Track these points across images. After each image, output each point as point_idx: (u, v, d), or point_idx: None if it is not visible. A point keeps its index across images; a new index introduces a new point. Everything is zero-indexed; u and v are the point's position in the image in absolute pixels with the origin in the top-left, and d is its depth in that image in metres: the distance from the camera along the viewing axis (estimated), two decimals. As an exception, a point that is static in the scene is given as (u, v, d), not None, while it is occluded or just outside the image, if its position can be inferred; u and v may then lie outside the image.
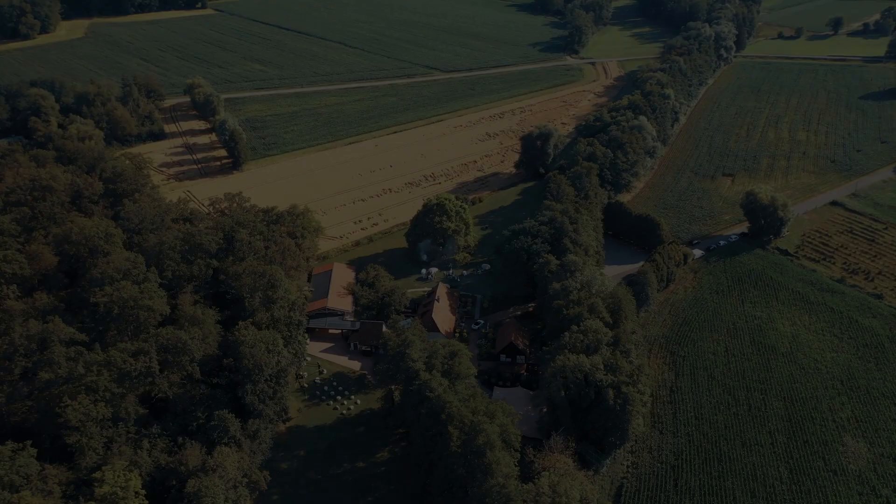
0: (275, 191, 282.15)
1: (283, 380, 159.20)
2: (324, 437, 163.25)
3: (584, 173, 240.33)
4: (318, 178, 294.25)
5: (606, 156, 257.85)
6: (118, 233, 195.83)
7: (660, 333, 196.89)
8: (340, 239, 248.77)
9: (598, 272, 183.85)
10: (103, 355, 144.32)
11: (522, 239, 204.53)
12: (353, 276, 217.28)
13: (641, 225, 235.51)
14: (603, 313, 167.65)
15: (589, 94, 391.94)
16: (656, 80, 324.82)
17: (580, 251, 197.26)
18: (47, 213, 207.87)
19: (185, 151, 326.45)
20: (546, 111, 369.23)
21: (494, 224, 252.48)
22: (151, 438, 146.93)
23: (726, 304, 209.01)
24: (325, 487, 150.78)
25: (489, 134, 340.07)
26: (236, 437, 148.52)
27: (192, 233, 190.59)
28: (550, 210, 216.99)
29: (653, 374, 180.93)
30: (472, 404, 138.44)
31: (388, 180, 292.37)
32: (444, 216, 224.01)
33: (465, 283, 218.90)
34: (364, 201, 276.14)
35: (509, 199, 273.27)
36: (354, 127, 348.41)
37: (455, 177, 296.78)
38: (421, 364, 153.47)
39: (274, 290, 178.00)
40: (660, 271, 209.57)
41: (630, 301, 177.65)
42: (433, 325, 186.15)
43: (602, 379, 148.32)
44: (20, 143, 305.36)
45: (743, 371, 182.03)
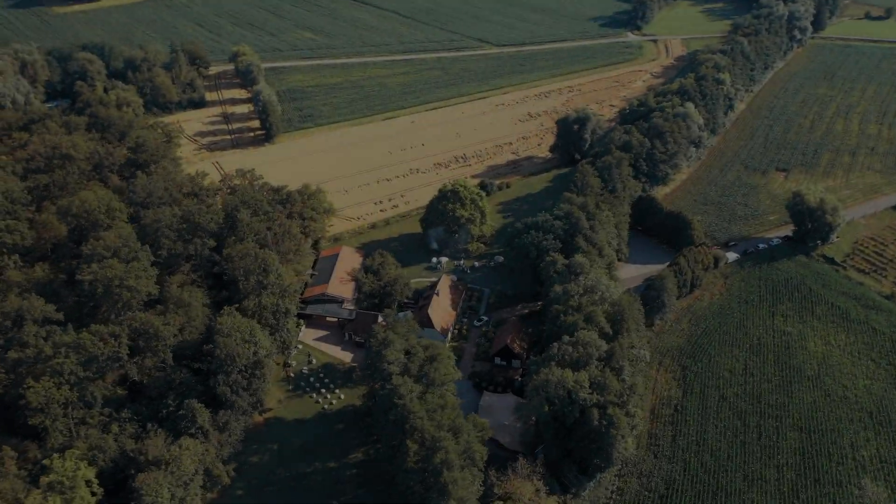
0: (301, 165, 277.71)
1: (259, 371, 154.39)
2: (300, 433, 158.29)
3: (614, 164, 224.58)
4: (347, 154, 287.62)
5: (643, 145, 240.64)
6: (121, 206, 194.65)
7: (674, 344, 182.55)
8: (357, 220, 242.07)
9: (604, 276, 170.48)
10: (73, 337, 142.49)
11: (533, 234, 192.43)
12: (361, 261, 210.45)
13: (671, 223, 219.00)
14: (602, 323, 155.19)
15: (645, 74, 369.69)
16: (713, 64, 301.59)
17: (593, 251, 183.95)
18: (60, 182, 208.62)
19: (222, 121, 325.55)
20: (595, 91, 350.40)
21: (518, 213, 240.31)
22: (121, 423, 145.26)
23: (754, 315, 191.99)
24: (292, 486, 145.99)
25: (531, 114, 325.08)
26: (204, 428, 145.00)
27: (191, 211, 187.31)
28: (570, 203, 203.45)
29: (658, 389, 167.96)
30: (438, 417, 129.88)
31: (416, 160, 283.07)
32: (458, 203, 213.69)
33: (474, 276, 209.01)
34: (389, 181, 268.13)
35: (538, 187, 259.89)
36: (394, 101, 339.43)
37: (487, 159, 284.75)
38: (396, 367, 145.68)
39: (266, 276, 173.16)
40: (683, 276, 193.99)
41: (636, 311, 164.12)
42: (428, 320, 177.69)
43: (586, 398, 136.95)
44: (63, 106, 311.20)
45: (759, 393, 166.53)
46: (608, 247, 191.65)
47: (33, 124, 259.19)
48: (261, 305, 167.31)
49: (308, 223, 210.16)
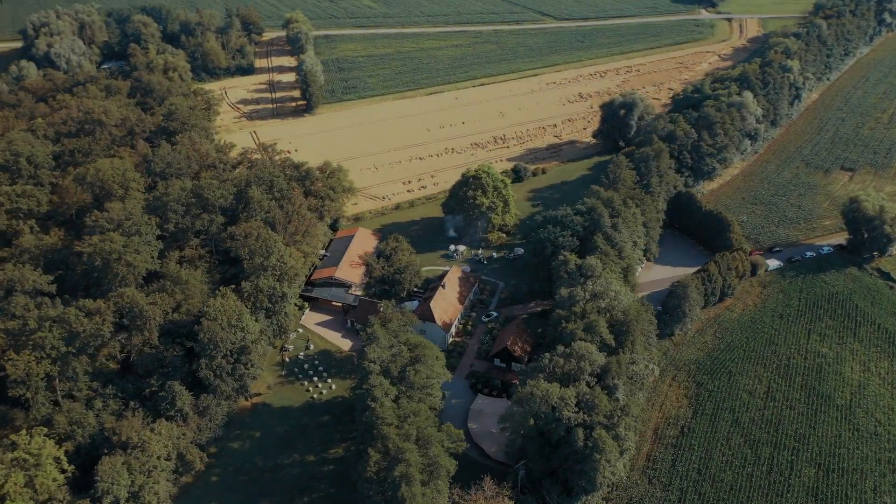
0: (335, 139, 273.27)
1: (245, 357, 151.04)
2: (285, 421, 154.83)
3: (652, 156, 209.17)
4: (384, 130, 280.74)
5: (689, 136, 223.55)
6: (136, 177, 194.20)
7: (692, 357, 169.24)
8: (382, 200, 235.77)
9: (617, 281, 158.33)
10: (59, 311, 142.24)
11: (550, 229, 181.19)
12: (375, 244, 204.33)
13: (709, 223, 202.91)
14: (603, 334, 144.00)
15: (712, 56, 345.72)
16: (782, 48, 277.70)
17: (611, 252, 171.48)
18: (84, 148, 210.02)
19: (268, 89, 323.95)
20: (655, 73, 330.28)
21: (549, 202, 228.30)
22: (105, 399, 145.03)
23: (788, 331, 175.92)
24: (266, 478, 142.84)
25: (581, 95, 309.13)
26: (183, 411, 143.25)
27: (201, 185, 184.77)
28: (596, 197, 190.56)
29: (666, 406, 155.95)
30: (406, 425, 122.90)
31: (454, 139, 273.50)
32: (480, 190, 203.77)
33: (491, 267, 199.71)
34: (422, 160, 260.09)
35: (576, 174, 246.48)
36: (441, 75, 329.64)
37: (527, 141, 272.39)
38: (377, 366, 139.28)
39: (267, 257, 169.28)
40: (712, 283, 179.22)
41: (645, 322, 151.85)
42: (430, 314, 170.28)
43: (571, 417, 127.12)
44: (115, 68, 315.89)
45: (778, 421, 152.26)
46: (630, 247, 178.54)
47: (76, 87, 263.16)
48: (257, 288, 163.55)
49: (325, 202, 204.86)
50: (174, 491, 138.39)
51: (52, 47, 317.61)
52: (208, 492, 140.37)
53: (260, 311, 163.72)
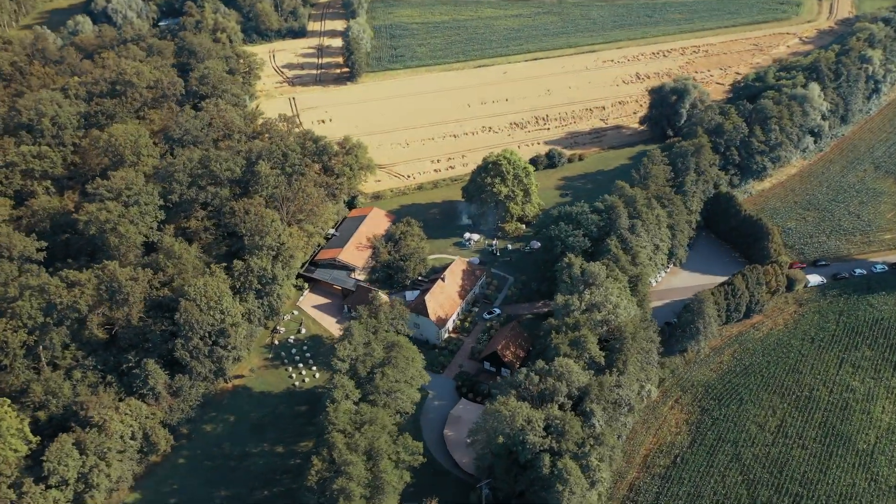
0: (372, 110, 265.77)
1: (223, 340, 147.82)
2: (261, 407, 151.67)
3: (690, 151, 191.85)
4: (424, 103, 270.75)
5: (738, 130, 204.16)
6: (149, 143, 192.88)
7: (702, 379, 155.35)
8: (406, 178, 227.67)
9: (618, 290, 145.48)
10: (40, 281, 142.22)
11: (563, 226, 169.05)
12: (388, 226, 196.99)
13: (747, 229, 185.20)
14: (592, 351, 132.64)
15: (792, 38, 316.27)
16: (866, 35, 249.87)
17: (624, 257, 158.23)
18: (109, 110, 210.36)
19: (315, 54, 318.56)
20: (725, 55, 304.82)
21: (580, 192, 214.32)
22: (84, 370, 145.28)
23: (817, 358, 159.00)
24: (231, 465, 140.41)
25: (639, 75, 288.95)
26: (156, 390, 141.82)
27: (209, 157, 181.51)
28: (620, 193, 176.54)
29: (662, 431, 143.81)
30: (357, 435, 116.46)
31: (494, 116, 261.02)
32: (499, 178, 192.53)
33: (503, 260, 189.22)
34: (456, 138, 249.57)
35: (615, 163, 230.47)
36: (493, 47, 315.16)
37: (569, 123, 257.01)
38: (346, 364, 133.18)
39: (262, 237, 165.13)
40: (736, 297, 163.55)
41: (643, 340, 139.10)
42: (424, 308, 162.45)
43: (536, 442, 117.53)
44: (171, 26, 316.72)
45: (786, 460, 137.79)
46: (646, 252, 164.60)
47: (121, 45, 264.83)
48: (248, 268, 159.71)
49: (340, 180, 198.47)
50: (140, 470, 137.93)
51: (109, 2, 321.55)
52: (173, 474, 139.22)
53: (250, 292, 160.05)
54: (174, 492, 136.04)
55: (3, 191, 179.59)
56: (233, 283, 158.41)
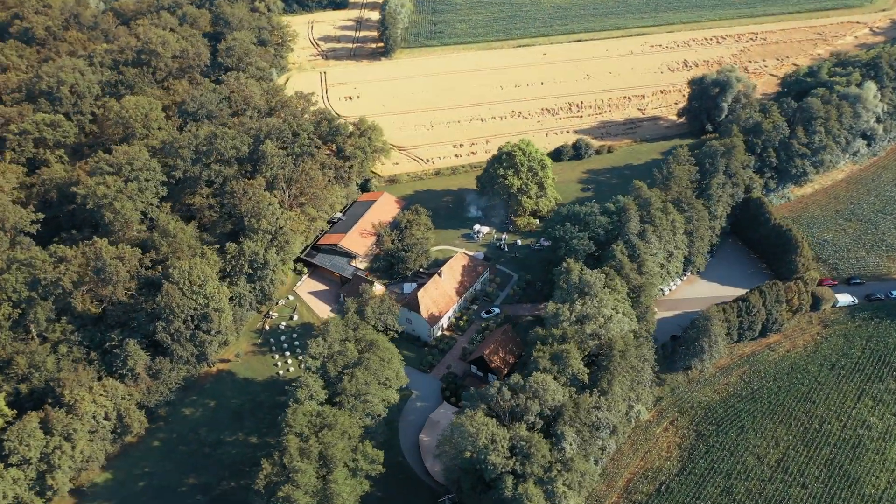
0: (401, 88, 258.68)
1: (206, 325, 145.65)
2: (243, 394, 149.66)
3: (720, 152, 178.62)
4: (456, 83, 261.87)
5: (778, 130, 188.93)
6: (160, 116, 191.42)
7: (703, 400, 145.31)
8: (425, 163, 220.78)
9: (613, 302, 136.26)
10: (28, 255, 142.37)
11: (569, 227, 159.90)
12: (397, 213, 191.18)
13: (775, 239, 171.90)
14: (574, 367, 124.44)
15: (862, 28, 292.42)
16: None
17: (629, 266, 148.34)
18: (129, 80, 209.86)
19: (354, 27, 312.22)
20: (785, 44, 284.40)
21: (604, 187, 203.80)
22: (71, 345, 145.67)
23: (834, 387, 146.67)
24: (204, 452, 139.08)
25: (687, 63, 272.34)
26: (135, 371, 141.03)
27: (214, 134, 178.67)
28: (636, 194, 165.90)
29: (650, 455, 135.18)
30: (313, 442, 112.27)
31: (525, 100, 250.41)
32: (512, 170, 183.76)
33: (510, 255, 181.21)
34: (483, 122, 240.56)
35: (646, 157, 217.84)
36: (536, 26, 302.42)
37: (604, 112, 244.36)
38: (317, 363, 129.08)
39: (257, 220, 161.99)
40: (751, 315, 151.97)
41: (634, 358, 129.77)
42: (416, 304, 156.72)
43: (498, 463, 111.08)
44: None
45: (782, 499, 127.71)
46: (654, 260, 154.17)
47: (155, 13, 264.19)
48: (240, 252, 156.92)
49: (351, 163, 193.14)
50: (114, 450, 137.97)
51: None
52: (146, 456, 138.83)
53: (241, 276, 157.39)
54: (145, 475, 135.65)
55: (15, 158, 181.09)
56: (224, 266, 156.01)
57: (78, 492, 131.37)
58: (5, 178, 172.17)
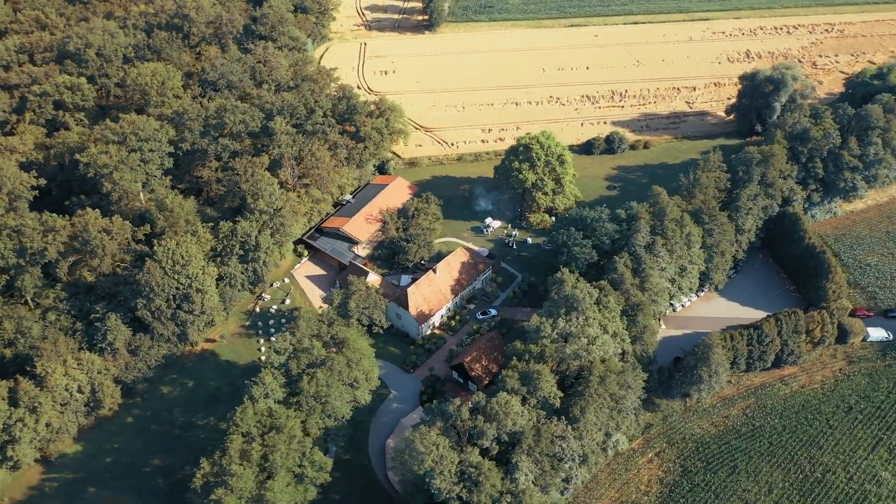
0: (439, 65, 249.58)
1: (187, 305, 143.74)
2: (221, 377, 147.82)
3: (756, 160, 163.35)
4: (497, 62, 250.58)
5: (828, 139, 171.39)
6: (177, 86, 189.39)
7: (697, 432, 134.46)
8: (449, 147, 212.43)
9: (600, 322, 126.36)
10: (19, 221, 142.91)
11: (573, 233, 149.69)
12: (408, 199, 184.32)
13: (807, 260, 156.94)
14: (545, 390, 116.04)
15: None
16: None
17: (630, 281, 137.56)
18: (155, 45, 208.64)
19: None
20: (863, 38, 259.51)
21: (632, 186, 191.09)
22: (59, 314, 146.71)
23: (846, 433, 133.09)
24: (174, 434, 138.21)
25: (750, 54, 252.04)
26: (114, 346, 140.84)
27: (225, 107, 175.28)
28: (654, 201, 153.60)
29: (628, 487, 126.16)
30: (256, 444, 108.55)
31: (566, 85, 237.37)
32: (527, 164, 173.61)
33: (518, 254, 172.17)
34: (517, 106, 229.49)
35: (684, 156, 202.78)
36: (591, 5, 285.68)
37: (648, 103, 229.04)
38: (282, 358, 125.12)
39: (255, 201, 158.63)
40: (762, 344, 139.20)
41: (614, 384, 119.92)
42: (405, 301, 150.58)
43: (443, 489, 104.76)
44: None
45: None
46: (662, 276, 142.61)
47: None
48: (233, 232, 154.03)
49: (367, 144, 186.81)
50: (88, 422, 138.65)
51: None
52: (119, 432, 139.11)
53: (232, 256, 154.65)
54: (113, 451, 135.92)
55: (35, 119, 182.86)
56: (215, 246, 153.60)
57: (46, 462, 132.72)
58: (22, 139, 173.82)
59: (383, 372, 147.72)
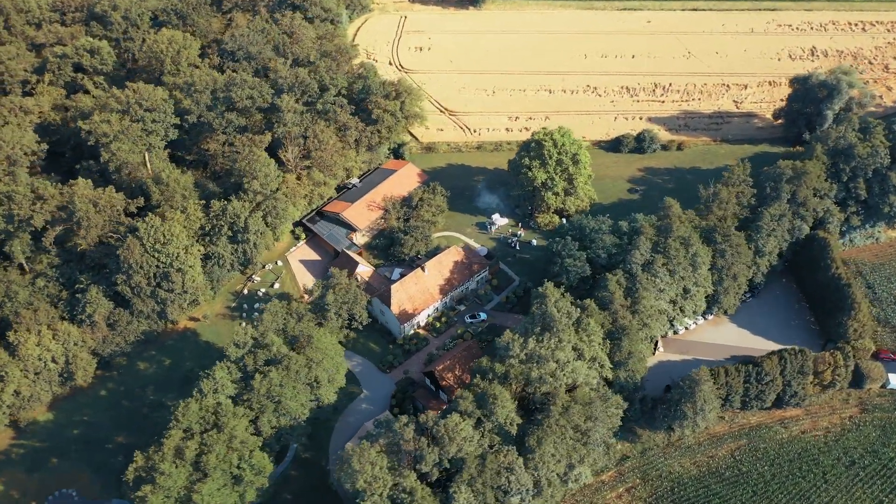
0: (478, 44, 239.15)
1: (166, 283, 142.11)
2: (198, 358, 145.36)
3: (786, 176, 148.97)
4: (538, 44, 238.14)
5: (875, 157, 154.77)
6: (193, 55, 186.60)
7: (677, 471, 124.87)
8: (471, 133, 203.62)
9: (577, 343, 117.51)
10: (11, 187, 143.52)
11: (568, 242, 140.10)
12: (415, 187, 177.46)
13: (830, 291, 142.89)
14: (501, 416, 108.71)
15: None
16: None
17: (620, 302, 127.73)
18: (182, 10, 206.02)
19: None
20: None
21: (656, 191, 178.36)
22: (48, 280, 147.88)
23: (844, 491, 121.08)
24: (143, 413, 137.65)
25: (815, 51, 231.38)
26: (93, 318, 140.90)
27: (233, 81, 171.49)
28: (664, 214, 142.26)
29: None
30: (191, 443, 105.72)
31: (606, 75, 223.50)
32: (538, 161, 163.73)
33: (521, 255, 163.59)
34: (550, 94, 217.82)
35: (721, 161, 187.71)
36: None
37: (692, 99, 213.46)
38: (241, 352, 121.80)
39: (249, 181, 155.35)
40: (761, 383, 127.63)
41: (581, 416, 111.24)
42: (388, 298, 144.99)
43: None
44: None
45: None
46: (661, 298, 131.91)
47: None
48: (224, 211, 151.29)
49: (378, 127, 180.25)
50: (63, 391, 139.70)
51: None
52: (91, 404, 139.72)
53: (221, 236, 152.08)
54: (82, 423, 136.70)
55: (54, 80, 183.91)
56: (204, 224, 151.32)
57: (17, 427, 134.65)
58: (38, 100, 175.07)
59: (359, 369, 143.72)
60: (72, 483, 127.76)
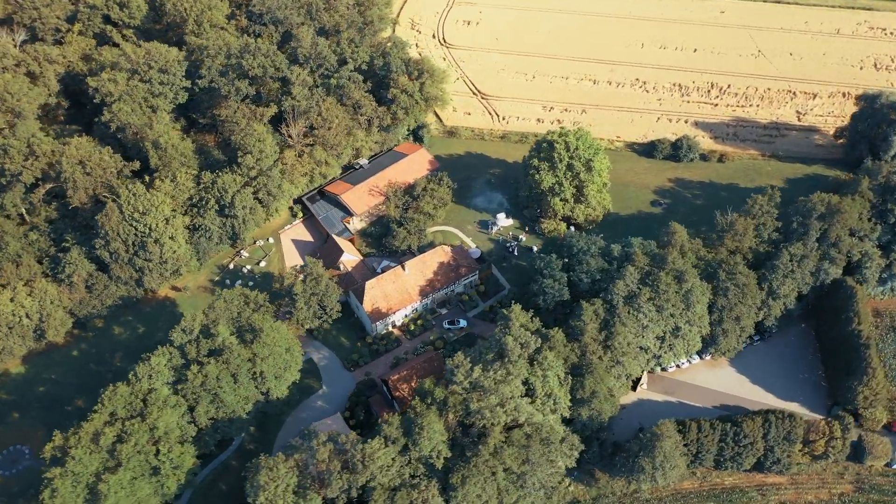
0: (530, 23, 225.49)
1: (144, 252, 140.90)
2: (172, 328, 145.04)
3: (817, 212, 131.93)
4: (595, 28, 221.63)
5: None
6: (218, 16, 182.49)
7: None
8: (499, 121, 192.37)
9: (525, 378, 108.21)
10: (7, 141, 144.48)
11: (552, 261, 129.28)
12: (423, 175, 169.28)
13: (846, 349, 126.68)
14: (426, 448, 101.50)
15: None
16: None
17: (593, 334, 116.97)
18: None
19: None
20: None
21: (682, 206, 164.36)
22: (41, 234, 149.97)
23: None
24: (108, 378, 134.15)
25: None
26: (72, 279, 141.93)
27: (247, 48, 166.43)
28: (669, 241, 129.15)
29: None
30: (108, 430, 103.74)
31: (659, 69, 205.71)
32: (547, 164, 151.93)
33: (517, 262, 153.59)
34: (594, 84, 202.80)
35: (764, 180, 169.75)
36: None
37: (749, 105, 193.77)
38: (187, 338, 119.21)
39: (242, 156, 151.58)
40: (738, 444, 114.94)
41: (515, 460, 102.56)
42: (360, 295, 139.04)
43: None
44: None
45: None
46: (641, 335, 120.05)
47: None
48: (214, 184, 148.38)
49: (394, 108, 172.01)
50: (39, 347, 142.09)
51: None
52: (62, 363, 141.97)
53: (208, 209, 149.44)
54: (49, 381, 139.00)
55: (83, 31, 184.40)
56: (193, 195, 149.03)
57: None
58: (64, 50, 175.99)
59: (324, 363, 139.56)
60: (27, 440, 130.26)
